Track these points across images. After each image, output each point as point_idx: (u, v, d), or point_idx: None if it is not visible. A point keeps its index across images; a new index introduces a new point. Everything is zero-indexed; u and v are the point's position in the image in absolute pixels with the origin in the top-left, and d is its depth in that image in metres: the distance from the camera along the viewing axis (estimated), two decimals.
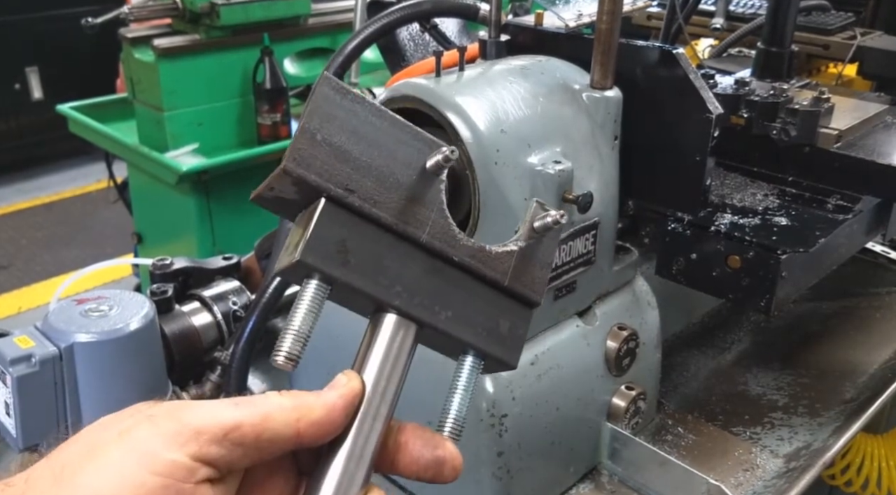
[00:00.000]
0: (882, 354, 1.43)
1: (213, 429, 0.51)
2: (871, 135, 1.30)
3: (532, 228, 0.65)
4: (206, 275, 1.32)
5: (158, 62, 2.50)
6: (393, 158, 0.59)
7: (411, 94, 0.97)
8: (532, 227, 0.65)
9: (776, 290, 1.09)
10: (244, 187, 2.91)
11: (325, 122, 0.57)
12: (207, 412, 0.52)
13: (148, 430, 0.52)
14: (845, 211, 1.21)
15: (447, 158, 0.59)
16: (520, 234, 0.65)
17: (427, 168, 0.60)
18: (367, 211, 0.58)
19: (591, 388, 1.09)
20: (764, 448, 1.20)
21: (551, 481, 1.09)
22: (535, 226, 0.65)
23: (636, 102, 1.06)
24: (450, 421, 0.61)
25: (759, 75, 1.41)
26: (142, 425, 0.52)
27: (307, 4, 2.68)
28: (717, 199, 1.23)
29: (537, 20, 1.15)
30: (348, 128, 0.58)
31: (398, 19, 1.27)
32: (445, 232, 0.61)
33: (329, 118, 0.58)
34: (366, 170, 0.58)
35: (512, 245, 0.64)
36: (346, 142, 0.58)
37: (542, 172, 0.94)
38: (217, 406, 0.53)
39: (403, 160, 0.60)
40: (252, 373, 1.30)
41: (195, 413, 0.52)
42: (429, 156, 0.60)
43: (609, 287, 1.13)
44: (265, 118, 2.63)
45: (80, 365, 1.02)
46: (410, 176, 0.60)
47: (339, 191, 0.57)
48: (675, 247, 1.17)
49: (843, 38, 1.59)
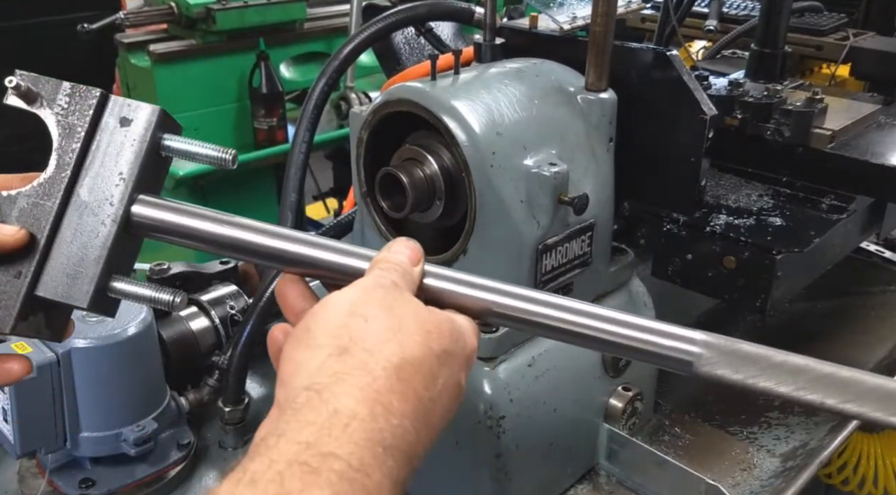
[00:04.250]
0: (877, 353, 1.43)
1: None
2: (865, 136, 1.30)
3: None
4: (203, 279, 1.32)
5: (154, 67, 2.50)
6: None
7: (407, 97, 0.97)
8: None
9: (771, 290, 1.10)
10: (241, 191, 2.92)
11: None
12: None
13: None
14: (839, 211, 1.22)
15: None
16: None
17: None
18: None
19: (588, 389, 1.09)
20: (761, 447, 1.20)
21: (549, 482, 1.09)
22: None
23: (631, 104, 1.06)
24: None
25: (752, 76, 1.42)
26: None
27: (303, 9, 2.69)
28: (712, 200, 1.23)
29: (532, 23, 1.15)
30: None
31: (393, 23, 1.28)
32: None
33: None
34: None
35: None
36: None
37: (538, 174, 0.95)
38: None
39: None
40: (250, 377, 1.30)
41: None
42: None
43: (605, 288, 1.14)
44: (261, 123, 2.63)
45: (78, 370, 1.02)
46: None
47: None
48: (671, 248, 1.17)
49: (836, 39, 1.60)
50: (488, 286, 0.67)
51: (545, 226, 0.97)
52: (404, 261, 0.66)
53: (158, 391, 1.13)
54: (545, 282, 1.00)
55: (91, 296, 0.66)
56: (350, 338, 0.57)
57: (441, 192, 0.97)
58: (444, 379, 0.59)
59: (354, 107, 1.20)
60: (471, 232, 0.97)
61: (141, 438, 1.06)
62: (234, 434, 1.20)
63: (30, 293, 0.66)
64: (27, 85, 0.68)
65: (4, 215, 0.66)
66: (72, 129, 0.67)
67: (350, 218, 1.22)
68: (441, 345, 0.60)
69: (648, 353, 0.65)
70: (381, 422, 0.53)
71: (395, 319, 0.59)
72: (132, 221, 0.67)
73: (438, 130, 0.95)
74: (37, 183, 0.67)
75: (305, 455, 0.49)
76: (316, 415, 0.52)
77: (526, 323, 0.67)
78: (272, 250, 0.68)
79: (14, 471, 1.11)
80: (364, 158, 1.04)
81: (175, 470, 1.12)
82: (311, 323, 0.60)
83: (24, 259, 0.65)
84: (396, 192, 0.98)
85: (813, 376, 0.62)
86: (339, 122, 2.75)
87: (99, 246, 0.66)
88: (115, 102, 0.69)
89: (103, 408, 1.05)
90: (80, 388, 1.03)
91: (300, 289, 0.69)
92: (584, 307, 0.67)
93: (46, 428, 1.03)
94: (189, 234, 0.68)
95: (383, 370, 0.55)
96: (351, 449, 0.50)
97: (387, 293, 0.61)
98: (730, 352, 0.63)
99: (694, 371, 0.63)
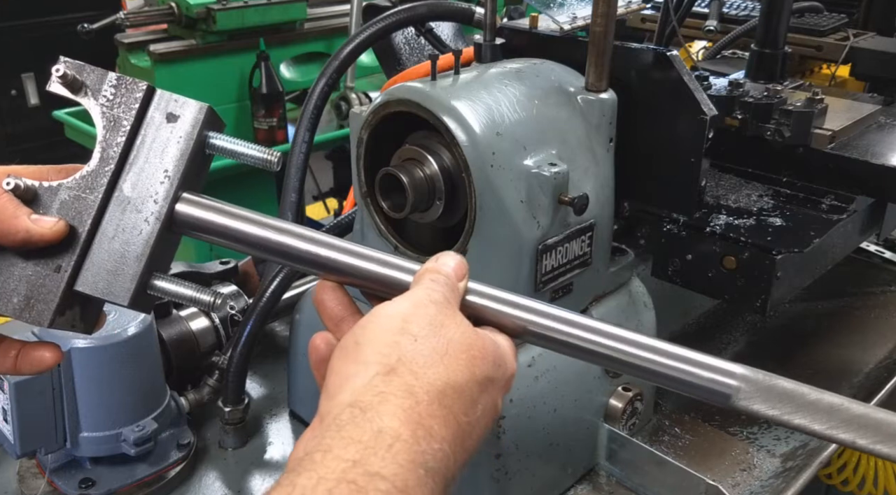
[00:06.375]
0: (877, 353, 1.43)
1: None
2: (865, 136, 1.31)
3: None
4: (203, 279, 1.32)
5: (154, 67, 2.50)
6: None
7: (407, 97, 0.97)
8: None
9: (771, 291, 1.10)
10: (241, 191, 2.92)
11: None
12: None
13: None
14: (839, 211, 1.22)
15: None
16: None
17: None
18: None
19: (588, 390, 1.09)
20: (761, 448, 1.20)
21: (549, 482, 1.09)
22: None
23: (631, 104, 1.06)
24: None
25: (752, 77, 1.42)
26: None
27: (303, 9, 2.69)
28: (713, 201, 1.23)
29: (532, 23, 1.15)
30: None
31: (394, 23, 1.28)
32: None
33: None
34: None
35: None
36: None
37: (538, 175, 0.95)
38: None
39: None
40: (250, 377, 1.30)
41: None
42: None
43: (605, 288, 1.14)
44: (262, 123, 2.62)
45: (78, 370, 1.02)
46: None
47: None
48: (671, 248, 1.17)
49: (836, 40, 1.60)
50: (529, 306, 0.67)
51: (545, 227, 0.97)
52: (452, 274, 0.66)
53: (158, 391, 1.13)
54: (545, 282, 1.00)
55: (132, 293, 0.65)
56: (398, 358, 0.58)
57: (441, 192, 0.97)
58: (483, 405, 0.60)
59: (354, 107, 1.20)
60: (471, 232, 0.97)
61: (141, 438, 1.06)
62: (234, 434, 1.20)
63: (69, 288, 0.65)
64: (73, 73, 0.66)
65: (45, 206, 0.65)
66: (117, 122, 0.66)
67: (350, 218, 1.22)
68: (484, 372, 0.61)
69: (688, 384, 0.65)
70: (423, 445, 0.54)
71: (444, 341, 0.60)
72: (176, 220, 0.67)
73: (438, 130, 0.95)
74: (79, 175, 0.66)
75: (352, 473, 0.50)
76: (361, 433, 0.53)
77: (564, 344, 0.67)
78: (316, 258, 0.67)
79: (14, 471, 1.11)
80: (364, 158, 1.04)
81: (175, 470, 1.12)
82: (360, 336, 0.60)
83: (64, 253, 0.65)
84: (396, 192, 0.98)
85: (846, 415, 0.63)
86: (339, 122, 2.75)
87: (141, 243, 0.65)
88: (161, 97, 0.68)
89: (103, 408, 1.05)
90: (80, 388, 1.03)
91: (339, 296, 0.69)
92: (625, 333, 0.67)
93: (46, 428, 1.03)
94: (232, 236, 0.68)
95: (426, 394, 0.56)
96: (395, 470, 0.51)
97: (438, 310, 0.62)
98: (767, 388, 0.64)
99: (731, 403, 0.64)
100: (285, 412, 1.29)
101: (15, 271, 0.65)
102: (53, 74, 0.66)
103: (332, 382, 0.59)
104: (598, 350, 0.66)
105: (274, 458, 1.20)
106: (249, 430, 1.23)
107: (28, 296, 0.64)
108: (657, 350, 0.66)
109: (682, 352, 0.65)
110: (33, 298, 0.64)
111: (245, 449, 1.21)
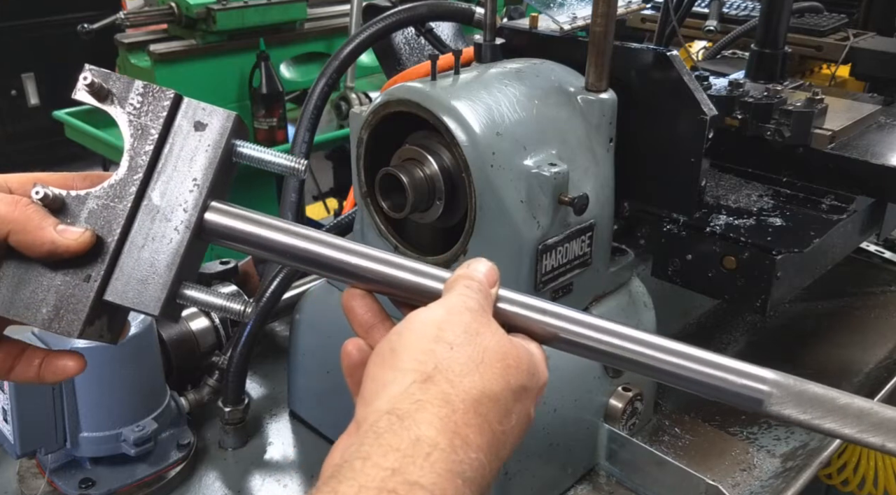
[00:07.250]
0: (877, 353, 1.43)
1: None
2: (865, 136, 1.31)
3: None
4: (203, 279, 1.32)
5: (155, 67, 2.50)
6: None
7: (407, 97, 0.97)
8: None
9: (771, 291, 1.10)
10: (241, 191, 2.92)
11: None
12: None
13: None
14: (839, 211, 1.22)
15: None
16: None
17: None
18: None
19: (588, 390, 1.09)
20: (761, 448, 1.20)
21: (549, 483, 1.09)
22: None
23: (631, 104, 1.06)
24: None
25: (752, 77, 1.42)
26: None
27: (303, 9, 2.69)
28: (712, 201, 1.23)
29: (532, 23, 1.15)
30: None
31: (394, 23, 1.28)
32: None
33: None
34: None
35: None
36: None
37: (538, 175, 0.95)
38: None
39: None
40: (250, 377, 1.30)
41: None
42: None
43: (605, 288, 1.14)
44: (262, 123, 2.63)
45: None
46: None
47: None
48: (671, 248, 1.17)
49: (836, 40, 1.60)
50: (560, 313, 0.67)
51: (545, 227, 0.97)
52: (485, 281, 0.66)
53: (158, 391, 1.13)
54: (545, 282, 1.00)
55: (163, 303, 0.64)
56: (435, 366, 0.58)
57: (441, 192, 0.97)
58: (517, 415, 0.60)
59: (354, 107, 1.20)
60: (471, 232, 0.97)
61: (141, 438, 1.06)
62: (234, 434, 1.20)
63: (99, 297, 0.64)
64: (99, 81, 0.66)
65: (73, 215, 0.65)
66: (145, 131, 0.66)
67: (350, 218, 1.22)
68: (518, 381, 0.61)
69: (720, 389, 0.65)
70: (460, 454, 0.54)
71: (479, 350, 0.60)
72: (205, 228, 0.66)
73: (438, 130, 0.95)
74: (107, 184, 0.65)
75: (392, 482, 0.50)
76: (398, 441, 0.53)
77: (594, 351, 0.67)
78: (346, 266, 0.67)
79: (14, 471, 1.11)
80: (364, 158, 1.04)
81: (175, 470, 1.12)
82: (396, 343, 0.60)
83: (93, 262, 0.64)
84: (396, 192, 0.98)
85: (876, 419, 0.63)
86: (339, 122, 2.75)
87: (171, 252, 0.65)
88: (188, 105, 0.67)
89: (103, 408, 1.05)
90: (80, 388, 1.03)
91: (368, 303, 0.68)
92: (655, 340, 0.67)
93: (46, 428, 1.03)
94: (261, 245, 0.67)
95: (462, 402, 0.56)
96: (434, 479, 0.51)
97: (473, 318, 0.62)
98: (798, 393, 0.64)
99: (763, 409, 0.64)
100: (285, 412, 1.29)
101: (43, 281, 0.64)
102: (80, 82, 0.65)
103: (369, 388, 0.59)
104: (630, 356, 0.66)
105: (274, 458, 1.20)
106: (249, 430, 1.23)
107: (57, 306, 0.64)
108: (689, 356, 0.66)
109: (715, 358, 0.65)
110: (62, 308, 0.63)
111: (245, 449, 1.21)
